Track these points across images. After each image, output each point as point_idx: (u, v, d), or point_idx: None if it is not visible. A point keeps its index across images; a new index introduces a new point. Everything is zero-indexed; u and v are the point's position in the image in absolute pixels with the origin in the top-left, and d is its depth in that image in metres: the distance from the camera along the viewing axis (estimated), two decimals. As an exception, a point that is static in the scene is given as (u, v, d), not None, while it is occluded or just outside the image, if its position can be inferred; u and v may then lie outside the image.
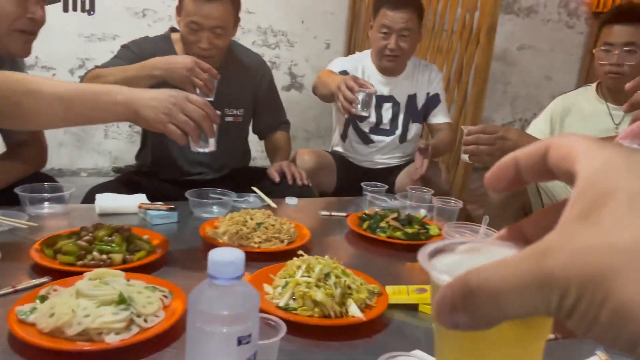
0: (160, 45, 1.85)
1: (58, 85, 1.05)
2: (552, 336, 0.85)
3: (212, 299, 0.54)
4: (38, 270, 1.03)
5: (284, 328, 0.74)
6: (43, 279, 0.98)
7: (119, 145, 3.69)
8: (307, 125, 4.32)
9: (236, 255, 0.55)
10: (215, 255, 0.54)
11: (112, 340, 0.77)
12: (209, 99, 1.62)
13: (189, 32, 1.74)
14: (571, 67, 5.09)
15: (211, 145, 1.17)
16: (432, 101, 2.29)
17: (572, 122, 2.07)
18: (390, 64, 2.15)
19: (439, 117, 2.30)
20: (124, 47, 1.84)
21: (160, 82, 1.54)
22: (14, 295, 0.93)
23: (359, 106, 1.73)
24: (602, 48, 1.92)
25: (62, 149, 3.59)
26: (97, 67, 1.74)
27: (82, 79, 1.72)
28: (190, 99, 1.08)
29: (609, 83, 1.95)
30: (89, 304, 0.80)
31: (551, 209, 0.33)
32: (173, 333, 0.83)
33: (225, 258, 0.54)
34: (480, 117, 2.97)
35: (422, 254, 0.32)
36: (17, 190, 1.34)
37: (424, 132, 2.76)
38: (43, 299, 0.85)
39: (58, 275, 0.99)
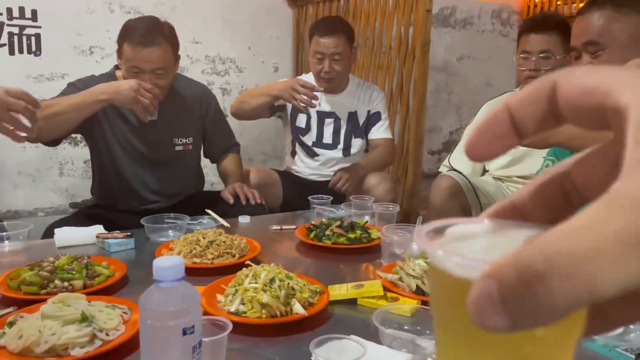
0: (104, 81, 1.93)
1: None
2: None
3: (158, 298, 0.64)
4: (4, 301, 1.10)
5: (230, 325, 0.85)
6: (9, 309, 1.06)
7: (74, 181, 3.71)
8: (264, 147, 4.43)
9: (176, 260, 0.66)
10: (159, 262, 0.65)
11: (77, 353, 0.86)
12: (154, 118, 1.75)
13: (130, 76, 1.81)
14: (509, 73, 5.39)
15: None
16: (373, 118, 2.46)
17: None
18: (327, 85, 2.31)
19: (378, 132, 2.46)
20: (70, 85, 1.92)
21: (106, 106, 1.64)
22: (-18, 327, 1.00)
23: (316, 102, 2.06)
24: (521, 55, 2.11)
25: (17, 190, 3.58)
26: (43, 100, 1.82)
27: None
28: (8, 91, 1.15)
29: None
30: (54, 324, 0.89)
31: (585, 160, 0.27)
32: (134, 343, 0.92)
33: (167, 264, 0.65)
34: (422, 126, 3.16)
35: (423, 237, 0.25)
36: (-24, 231, 1.40)
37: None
38: (11, 324, 0.93)
39: (23, 304, 1.06)
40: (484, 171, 2.32)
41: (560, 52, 2.03)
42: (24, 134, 1.20)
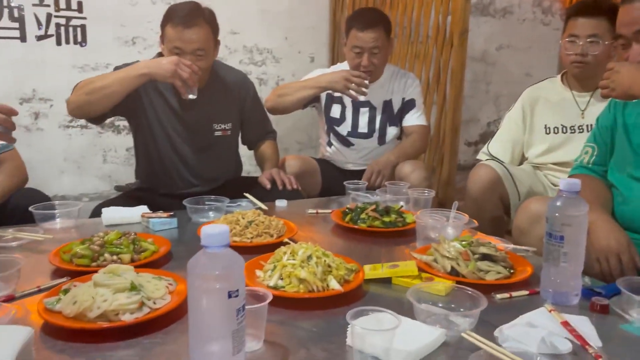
0: None
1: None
2: (506, 295, 1.00)
3: (205, 263, 0.69)
4: (57, 272, 1.18)
5: (270, 295, 0.89)
6: (63, 279, 1.13)
7: (117, 168, 3.83)
8: (299, 137, 4.47)
9: (222, 228, 0.70)
10: (206, 229, 0.69)
11: (127, 318, 0.92)
12: (191, 96, 1.80)
13: None
14: (550, 63, 5.27)
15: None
16: (407, 105, 2.45)
17: (541, 110, 2.21)
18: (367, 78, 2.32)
19: (412, 119, 2.45)
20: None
21: (147, 81, 1.73)
22: (39, 295, 1.07)
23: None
24: (568, 39, 2.06)
25: (63, 176, 3.73)
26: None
27: (74, 88, 1.86)
28: None
29: (574, 72, 2.09)
30: (105, 291, 0.95)
31: None
32: (179, 311, 0.98)
33: (214, 231, 0.69)
34: (459, 116, 3.13)
35: None
36: (31, 208, 1.49)
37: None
38: (66, 291, 1.00)
39: (75, 275, 1.13)
40: (523, 159, 2.29)
41: (608, 38, 1.98)
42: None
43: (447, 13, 3.11)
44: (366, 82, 2.15)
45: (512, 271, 1.21)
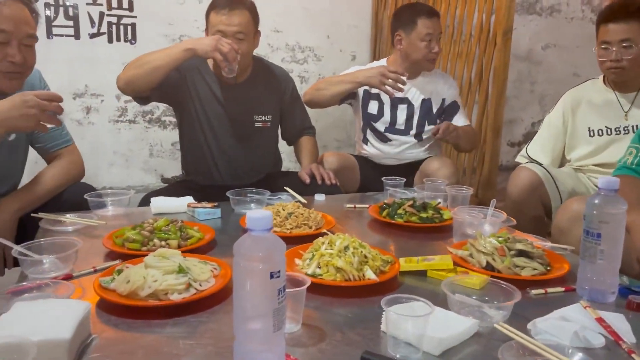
0: (195, 60, 2.08)
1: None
2: (542, 291, 1.02)
3: (250, 245, 0.74)
4: (110, 255, 1.26)
5: (308, 281, 0.93)
6: (116, 261, 1.21)
7: (162, 162, 3.97)
8: (338, 134, 4.51)
9: (266, 213, 0.74)
10: (252, 214, 0.74)
11: (175, 298, 0.98)
12: (232, 75, 1.89)
13: None
14: (598, 62, 5.14)
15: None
16: (451, 109, 2.48)
17: (584, 112, 2.18)
18: (432, 66, 2.39)
19: (459, 121, 2.48)
20: None
21: (191, 56, 1.83)
22: (94, 275, 1.15)
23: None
24: (601, 47, 2.03)
25: (112, 168, 3.90)
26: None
27: (126, 66, 1.97)
28: (36, 94, 1.33)
29: (611, 77, 2.06)
30: (156, 272, 1.02)
31: None
32: (223, 294, 1.04)
33: (259, 215, 0.74)
34: (501, 116, 3.10)
35: None
36: (86, 196, 1.58)
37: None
38: (119, 272, 1.07)
39: (126, 258, 1.21)
40: (564, 161, 2.26)
41: None
42: (50, 125, 1.41)
43: (490, 11, 3.08)
44: (403, 78, 2.18)
45: (548, 268, 1.21)
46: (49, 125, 1.39)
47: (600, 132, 2.09)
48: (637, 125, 2.01)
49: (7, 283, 1.57)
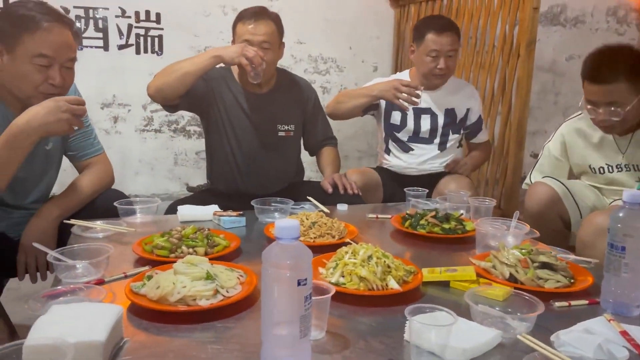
0: (221, 71, 2.16)
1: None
2: (565, 303, 1.02)
3: (278, 253, 0.76)
4: (140, 261, 1.30)
5: (333, 289, 0.95)
6: (145, 267, 1.24)
7: (187, 171, 4.05)
8: (359, 145, 4.54)
9: (294, 223, 0.77)
10: (280, 223, 0.77)
11: (204, 304, 1.01)
12: (257, 80, 1.95)
13: None
14: (624, 74, 5.08)
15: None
16: (476, 126, 2.52)
17: (583, 151, 2.10)
18: (439, 81, 2.37)
19: (482, 137, 2.58)
20: None
21: (218, 62, 1.90)
22: (125, 280, 1.19)
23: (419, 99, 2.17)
24: (587, 105, 1.88)
25: (138, 176, 3.98)
26: None
27: (156, 74, 2.04)
28: (66, 99, 1.41)
29: (603, 131, 1.95)
30: (184, 278, 1.05)
31: None
32: (249, 300, 1.06)
33: (287, 225, 0.76)
34: (524, 127, 3.09)
35: None
36: (116, 203, 1.63)
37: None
38: (149, 278, 1.11)
39: (155, 264, 1.25)
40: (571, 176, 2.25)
41: (630, 99, 1.76)
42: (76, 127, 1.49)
43: (514, 22, 3.09)
44: (418, 91, 2.17)
45: (572, 281, 1.21)
46: (76, 130, 1.46)
47: (601, 169, 2.05)
48: (636, 165, 1.97)
49: (39, 288, 1.63)
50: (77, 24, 3.57)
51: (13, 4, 1.54)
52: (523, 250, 1.25)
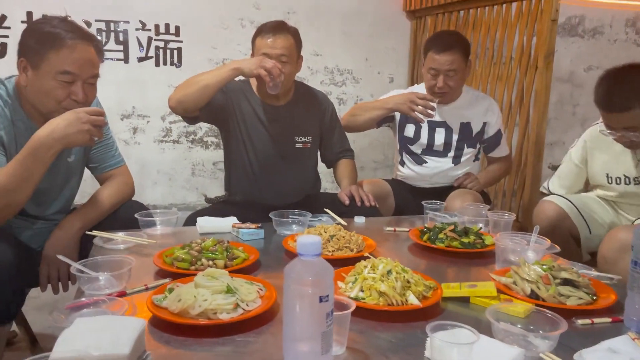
0: (240, 83, 2.19)
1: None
2: (588, 321, 1.01)
3: (300, 269, 0.76)
4: (160, 273, 1.31)
5: (353, 304, 0.95)
6: (166, 279, 1.26)
7: (204, 181, 4.08)
8: (375, 155, 4.54)
9: (316, 239, 0.78)
10: (302, 239, 0.77)
11: (224, 317, 1.02)
12: (276, 91, 1.98)
13: None
14: (644, 84, 5.02)
15: None
16: (494, 140, 2.50)
17: (603, 157, 2.09)
18: (442, 99, 2.36)
19: (500, 152, 2.56)
20: None
21: (237, 74, 1.93)
22: (146, 292, 1.20)
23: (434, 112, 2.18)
24: (606, 127, 1.86)
25: (156, 186, 4.02)
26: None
27: (177, 86, 2.06)
28: (86, 110, 1.44)
29: (626, 146, 1.92)
30: (205, 292, 1.06)
31: None
32: (269, 314, 1.07)
33: (309, 241, 0.77)
34: (542, 139, 3.06)
35: None
36: (136, 215, 1.65)
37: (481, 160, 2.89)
38: (170, 290, 1.12)
39: (176, 277, 1.26)
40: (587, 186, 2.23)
41: None
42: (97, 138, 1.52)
43: (532, 34, 3.07)
44: (433, 104, 2.19)
45: (594, 298, 1.20)
46: (97, 141, 1.49)
47: (618, 180, 2.03)
48: None
49: (58, 297, 1.66)
50: (99, 37, 3.64)
51: (38, 21, 1.58)
52: (544, 266, 1.24)
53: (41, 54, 1.47)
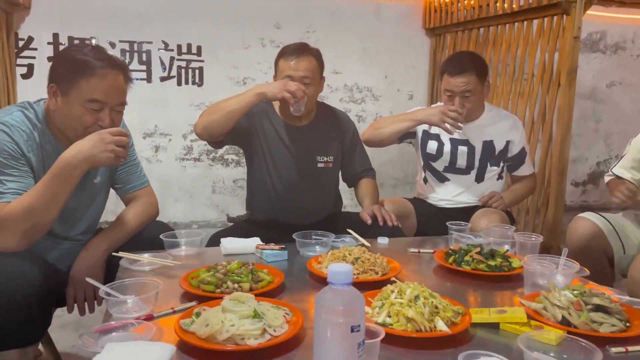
0: (262, 104, 2.20)
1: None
2: (622, 349, 0.98)
3: (331, 298, 0.76)
4: (187, 296, 1.31)
5: (382, 332, 0.94)
6: (192, 302, 1.26)
7: (224, 198, 4.10)
8: (395, 172, 4.52)
9: (347, 268, 0.77)
10: (333, 267, 0.77)
11: (252, 343, 1.01)
12: (299, 113, 2.01)
13: None
14: (668, 100, 4.95)
15: None
16: (518, 158, 2.47)
17: None
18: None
19: (525, 170, 2.52)
20: None
21: (261, 99, 1.96)
22: (173, 315, 1.20)
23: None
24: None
25: (177, 203, 4.06)
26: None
27: (201, 114, 2.09)
28: (110, 131, 1.47)
29: None
30: (233, 317, 1.05)
31: None
32: (296, 340, 1.06)
33: (340, 270, 0.76)
34: (566, 156, 3.02)
35: None
36: (162, 236, 1.67)
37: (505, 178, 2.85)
38: (198, 314, 1.12)
39: (202, 299, 1.26)
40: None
41: None
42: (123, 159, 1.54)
43: (553, 50, 3.05)
44: (462, 116, 2.20)
45: (628, 324, 1.17)
46: (123, 161, 1.53)
47: None
48: None
49: (83, 317, 1.67)
50: (122, 58, 3.71)
51: (70, 48, 1.62)
52: (575, 292, 1.21)
53: (72, 81, 1.51)
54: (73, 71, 1.51)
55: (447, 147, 2.42)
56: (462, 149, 2.41)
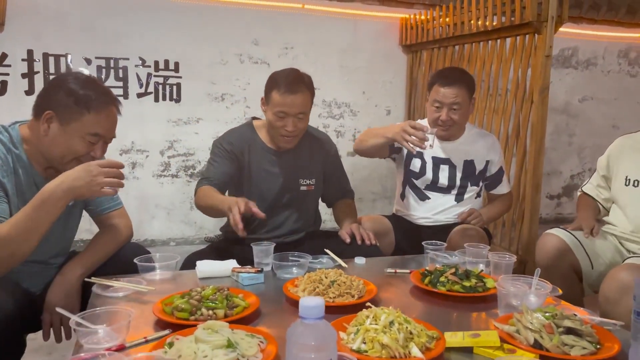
0: (245, 132, 2.19)
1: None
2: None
3: (303, 333, 0.76)
4: (160, 324, 1.30)
5: (356, 362, 0.94)
6: (165, 331, 1.24)
7: (202, 215, 4.04)
8: (374, 187, 4.55)
9: (318, 302, 0.77)
10: (304, 302, 0.77)
11: (225, 374, 1.00)
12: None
13: (276, 120, 2.07)
14: (639, 114, 5.08)
15: None
16: (496, 178, 2.51)
17: (625, 159, 2.14)
18: (443, 133, 2.36)
19: (502, 189, 2.57)
20: (215, 145, 2.19)
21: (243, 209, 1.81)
22: (145, 345, 1.19)
23: (427, 143, 2.13)
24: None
25: (154, 220, 4.01)
26: (202, 177, 2.17)
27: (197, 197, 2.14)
28: (98, 163, 1.47)
29: None
30: (206, 347, 1.04)
31: None
32: (270, 370, 1.05)
33: (311, 303, 0.76)
34: (540, 171, 3.08)
35: None
36: (135, 260, 1.64)
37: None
38: (170, 345, 1.10)
39: (175, 327, 1.24)
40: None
41: None
42: (113, 190, 1.52)
43: (526, 68, 3.12)
44: (429, 135, 2.13)
45: (598, 347, 1.19)
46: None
47: (636, 182, 2.06)
48: None
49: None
50: (98, 74, 3.67)
51: (65, 78, 1.61)
52: (547, 314, 1.23)
53: (76, 112, 1.53)
54: (79, 105, 1.53)
55: (430, 166, 2.44)
56: (444, 168, 2.43)
